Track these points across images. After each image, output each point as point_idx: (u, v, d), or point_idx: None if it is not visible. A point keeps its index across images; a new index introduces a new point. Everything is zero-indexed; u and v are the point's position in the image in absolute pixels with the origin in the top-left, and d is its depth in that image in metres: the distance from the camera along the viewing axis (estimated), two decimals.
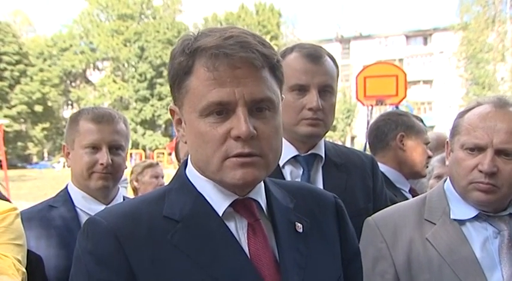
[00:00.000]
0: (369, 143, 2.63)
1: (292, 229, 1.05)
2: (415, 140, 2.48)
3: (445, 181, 1.62)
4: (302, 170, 1.78)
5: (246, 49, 0.92)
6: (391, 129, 2.50)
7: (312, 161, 1.80)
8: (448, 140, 1.60)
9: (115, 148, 1.84)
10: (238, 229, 1.00)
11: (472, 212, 1.49)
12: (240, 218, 1.01)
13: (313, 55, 1.74)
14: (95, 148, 1.81)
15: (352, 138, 46.60)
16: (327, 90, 1.73)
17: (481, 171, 1.43)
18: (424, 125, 2.62)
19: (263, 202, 1.05)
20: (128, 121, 1.96)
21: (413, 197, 2.33)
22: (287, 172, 1.77)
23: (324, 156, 1.81)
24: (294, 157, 1.78)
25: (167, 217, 0.98)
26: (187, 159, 1.07)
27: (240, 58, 0.92)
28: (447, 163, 1.58)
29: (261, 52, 0.94)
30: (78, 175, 1.84)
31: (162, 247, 0.95)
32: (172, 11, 53.01)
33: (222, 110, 0.93)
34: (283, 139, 1.65)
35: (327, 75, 1.73)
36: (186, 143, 1.03)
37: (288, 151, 1.75)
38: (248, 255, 0.98)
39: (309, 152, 1.79)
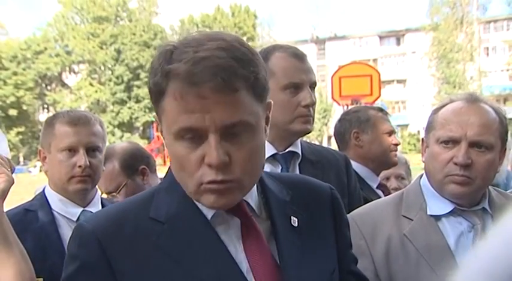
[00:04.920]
0: (337, 145, 2.69)
1: (288, 223, 1.05)
2: (372, 133, 2.48)
3: (421, 177, 1.64)
4: (280, 167, 1.80)
5: (216, 75, 0.87)
6: (347, 129, 2.53)
7: (290, 158, 1.82)
8: (423, 137, 1.64)
9: (92, 150, 1.83)
10: (231, 228, 1.00)
11: (448, 207, 1.52)
12: (232, 218, 1.00)
13: (299, 54, 1.79)
14: (72, 150, 1.80)
15: (329, 137, 47.23)
16: (313, 87, 1.80)
17: (456, 163, 1.46)
18: (387, 114, 2.63)
19: (253, 201, 1.04)
20: (103, 123, 1.95)
21: (383, 192, 2.48)
22: (265, 170, 1.86)
23: (300, 153, 1.84)
24: (273, 155, 1.80)
25: (153, 219, 0.98)
26: None
27: (207, 88, 0.87)
28: (423, 159, 1.62)
29: (235, 74, 0.89)
30: (57, 178, 1.82)
31: (147, 250, 0.95)
32: (148, 13, 52.77)
33: (194, 136, 0.91)
34: None
35: (313, 73, 1.80)
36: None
37: (266, 150, 1.83)
38: (243, 253, 0.98)
39: (287, 150, 1.81)
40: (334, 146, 2.72)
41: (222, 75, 0.87)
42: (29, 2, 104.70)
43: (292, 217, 1.06)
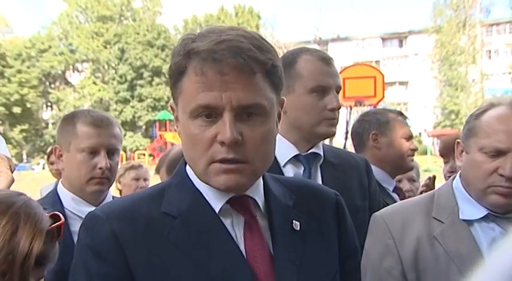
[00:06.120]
0: (353, 146, 2.68)
1: (289, 226, 1.05)
2: (390, 136, 2.45)
3: (453, 179, 1.60)
4: (303, 168, 1.80)
5: (236, 55, 0.91)
6: (365, 130, 2.50)
7: (312, 160, 1.82)
8: (459, 140, 1.58)
9: (111, 152, 1.84)
10: (235, 225, 1.01)
11: (481, 212, 1.48)
12: (237, 215, 1.02)
13: (326, 58, 1.81)
14: (93, 152, 1.80)
15: (331, 138, 47.24)
16: (338, 91, 1.81)
17: (501, 175, 1.42)
18: (406, 118, 2.59)
19: (260, 200, 1.05)
20: (120, 125, 1.96)
21: (399, 196, 2.45)
22: (288, 171, 1.78)
23: (323, 155, 1.85)
24: (295, 156, 1.80)
25: (165, 213, 1.00)
26: None
27: (228, 64, 0.91)
28: (458, 163, 1.59)
29: (253, 57, 0.93)
30: (75, 178, 1.82)
31: (159, 243, 0.96)
32: (152, 13, 52.96)
33: (210, 114, 0.94)
34: (285, 140, 1.78)
35: (339, 77, 1.83)
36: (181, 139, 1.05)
37: (289, 150, 1.79)
38: (244, 252, 0.99)
39: (310, 151, 1.81)
40: (335, 146, 2.66)
41: (242, 56, 0.92)
42: (34, 0, 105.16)
43: (294, 221, 1.07)
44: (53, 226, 1.24)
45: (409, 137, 2.51)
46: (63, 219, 1.27)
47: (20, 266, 1.13)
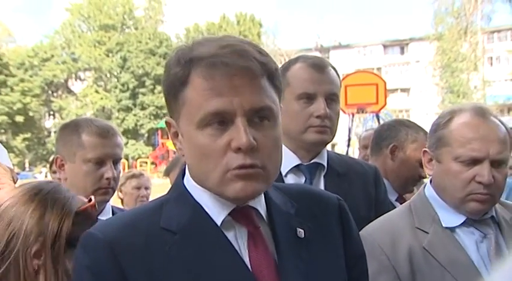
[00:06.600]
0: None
1: (293, 235, 1.02)
2: (408, 156, 2.39)
3: (424, 187, 1.62)
4: (304, 179, 1.79)
5: (244, 58, 0.90)
6: (390, 137, 2.45)
7: (315, 170, 1.81)
8: (427, 149, 1.60)
9: (115, 162, 1.84)
10: (238, 238, 0.98)
11: (461, 218, 1.51)
12: (240, 227, 0.99)
13: (318, 65, 1.78)
14: (99, 162, 1.80)
15: (333, 145, 47.15)
16: (332, 99, 1.77)
17: (479, 182, 1.44)
18: None
19: (263, 209, 1.02)
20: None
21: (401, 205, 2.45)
22: (289, 180, 1.78)
23: (326, 165, 1.83)
24: (297, 166, 1.79)
25: (165, 229, 0.96)
26: (185, 168, 1.05)
27: (237, 67, 0.89)
28: (427, 171, 1.60)
29: (259, 60, 0.92)
30: (80, 188, 1.78)
31: (160, 260, 0.93)
32: (154, 21, 53.26)
33: (221, 121, 0.91)
34: (286, 148, 1.75)
35: (332, 84, 1.79)
36: (183, 156, 1.00)
37: (290, 160, 1.78)
38: (248, 264, 0.96)
39: (312, 161, 1.80)
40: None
41: (250, 58, 0.91)
42: (37, 10, 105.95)
43: (298, 228, 1.04)
44: (82, 207, 1.29)
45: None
46: (93, 201, 1.33)
47: (50, 246, 1.20)
